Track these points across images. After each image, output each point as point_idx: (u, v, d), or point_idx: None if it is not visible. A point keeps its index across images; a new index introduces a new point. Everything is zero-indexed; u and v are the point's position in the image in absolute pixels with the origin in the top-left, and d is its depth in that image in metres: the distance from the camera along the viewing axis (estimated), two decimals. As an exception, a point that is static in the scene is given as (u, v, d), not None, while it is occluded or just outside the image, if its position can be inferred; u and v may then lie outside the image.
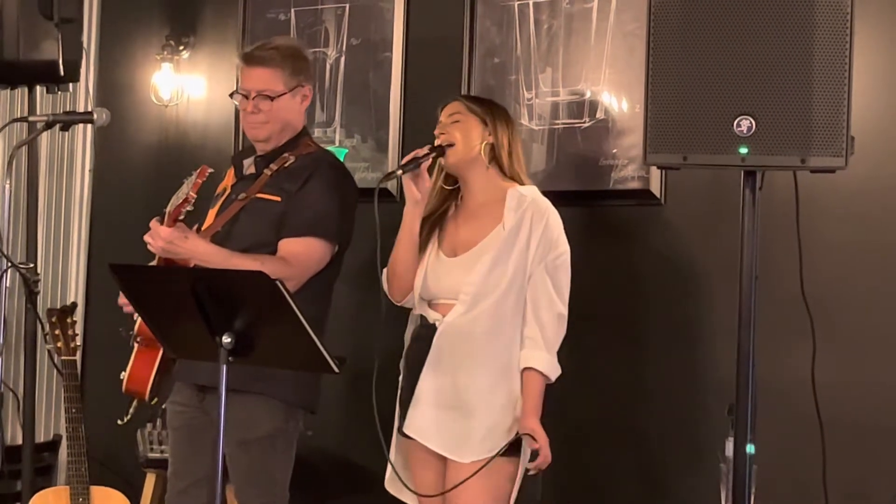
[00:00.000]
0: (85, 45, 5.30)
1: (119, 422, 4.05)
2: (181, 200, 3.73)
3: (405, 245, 3.79)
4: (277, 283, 3.08)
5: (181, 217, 3.74)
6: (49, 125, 4.18)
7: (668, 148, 3.37)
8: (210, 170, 3.83)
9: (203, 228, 3.93)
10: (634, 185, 4.54)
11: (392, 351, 3.88)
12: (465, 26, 4.91)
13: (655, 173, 4.47)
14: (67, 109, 5.49)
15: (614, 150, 4.57)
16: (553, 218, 3.72)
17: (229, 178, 4.11)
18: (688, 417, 4.41)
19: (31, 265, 4.73)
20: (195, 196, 3.74)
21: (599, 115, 4.62)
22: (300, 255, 3.82)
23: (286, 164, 3.93)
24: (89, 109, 5.25)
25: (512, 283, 3.66)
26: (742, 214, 3.42)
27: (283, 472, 3.91)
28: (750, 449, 3.43)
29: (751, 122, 3.27)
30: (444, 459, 3.71)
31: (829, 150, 3.23)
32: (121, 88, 5.81)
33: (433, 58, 5.01)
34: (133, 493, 5.14)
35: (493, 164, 3.79)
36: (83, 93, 5.74)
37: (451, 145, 3.76)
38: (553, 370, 3.67)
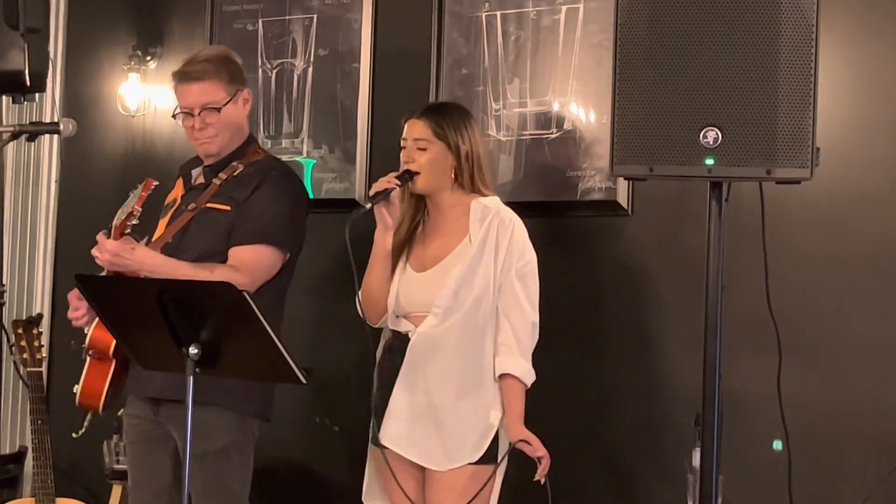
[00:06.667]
0: (51, 55, 5.26)
1: (73, 434, 4.04)
2: (126, 214, 3.73)
3: (377, 269, 3.82)
4: (244, 293, 3.08)
5: (127, 231, 3.72)
6: (15, 135, 4.16)
7: (634, 159, 3.38)
8: (155, 182, 3.82)
9: (153, 239, 3.91)
10: (601, 196, 4.55)
11: (356, 362, 3.87)
12: (432, 37, 4.91)
13: (622, 184, 4.48)
14: (34, 120, 5.47)
15: (581, 162, 4.59)
16: (518, 228, 3.75)
17: (178, 189, 4.09)
18: (654, 428, 4.42)
19: (-3, 276, 4.71)
20: (140, 209, 3.74)
21: (567, 126, 4.63)
22: (250, 262, 3.80)
23: (235, 173, 3.93)
24: (56, 120, 5.23)
25: (481, 295, 3.70)
26: (708, 225, 3.43)
27: (241, 483, 3.89)
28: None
29: (717, 134, 3.28)
30: (422, 468, 3.74)
31: (794, 162, 3.25)
32: (87, 99, 5.78)
33: (401, 69, 5.01)
34: (99, 504, 5.13)
35: (457, 182, 3.81)
36: (49, 103, 5.71)
37: (417, 174, 3.76)
38: (528, 375, 3.71)
